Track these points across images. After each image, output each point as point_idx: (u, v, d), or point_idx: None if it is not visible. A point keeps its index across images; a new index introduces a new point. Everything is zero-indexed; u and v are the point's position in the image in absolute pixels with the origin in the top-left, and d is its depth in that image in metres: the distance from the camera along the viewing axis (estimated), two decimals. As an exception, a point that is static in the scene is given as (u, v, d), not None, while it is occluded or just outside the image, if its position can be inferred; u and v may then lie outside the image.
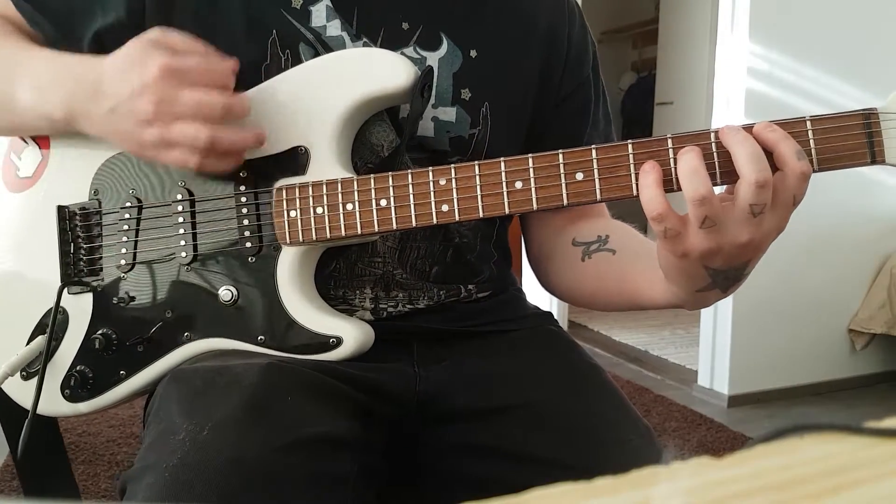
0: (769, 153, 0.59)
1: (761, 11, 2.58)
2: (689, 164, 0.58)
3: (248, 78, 0.72)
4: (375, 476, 0.68)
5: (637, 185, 0.61)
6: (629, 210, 0.77)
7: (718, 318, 2.74)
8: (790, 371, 2.79)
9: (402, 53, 0.75)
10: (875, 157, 0.60)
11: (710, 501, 0.27)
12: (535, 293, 0.93)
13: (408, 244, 0.77)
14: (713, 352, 2.76)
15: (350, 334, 0.70)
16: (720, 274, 0.63)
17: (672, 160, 0.61)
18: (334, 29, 0.74)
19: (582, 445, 0.69)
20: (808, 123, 0.60)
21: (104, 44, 0.74)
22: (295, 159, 0.70)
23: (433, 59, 0.76)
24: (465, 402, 0.74)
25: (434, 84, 0.74)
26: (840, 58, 2.66)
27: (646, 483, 0.28)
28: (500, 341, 0.81)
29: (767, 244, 0.62)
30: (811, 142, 0.60)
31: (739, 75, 2.61)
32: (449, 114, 0.76)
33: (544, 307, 0.90)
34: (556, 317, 0.90)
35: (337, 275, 0.75)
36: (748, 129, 0.60)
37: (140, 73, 0.63)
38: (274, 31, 0.73)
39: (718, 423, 2.45)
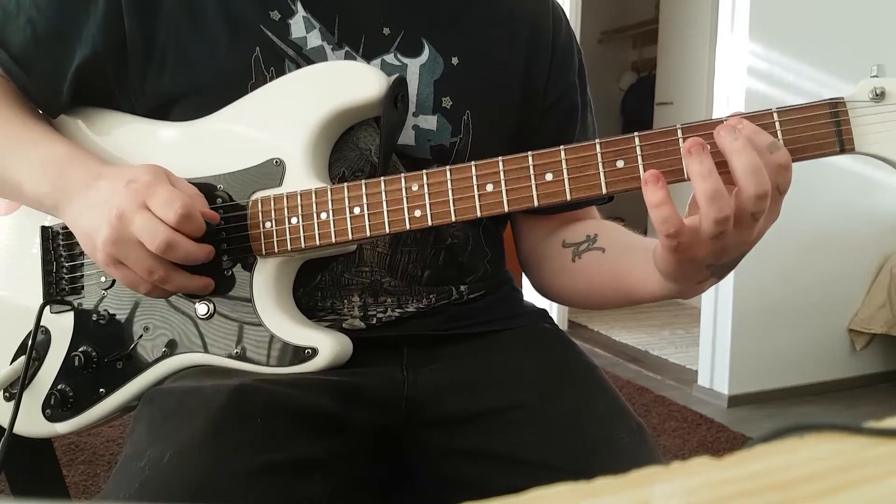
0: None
1: (761, 11, 2.58)
2: (712, 187, 0.56)
3: (235, 95, 0.72)
4: (360, 490, 0.67)
5: (644, 194, 0.58)
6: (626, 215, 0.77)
7: (718, 318, 2.74)
8: (790, 371, 2.79)
9: (383, 60, 0.75)
10: (844, 146, 0.60)
11: (710, 501, 0.27)
12: (534, 291, 0.92)
13: (398, 249, 0.76)
14: (713, 352, 2.76)
15: (326, 345, 0.70)
16: (720, 267, 0.64)
17: (640, 157, 0.62)
18: (315, 39, 0.74)
19: (572, 446, 0.69)
20: (776, 115, 0.61)
21: (86, 75, 0.74)
22: (270, 171, 0.71)
23: (414, 65, 0.76)
24: (455, 406, 0.73)
25: (408, 93, 0.73)
26: (840, 57, 2.67)
27: (646, 483, 0.28)
28: (492, 342, 0.80)
29: (763, 233, 0.62)
30: (779, 133, 0.60)
31: (739, 75, 2.61)
32: (430, 122, 0.76)
33: (543, 305, 0.90)
34: (555, 316, 0.89)
35: (323, 286, 0.75)
36: (712, 126, 0.60)
37: (128, 181, 0.65)
38: (257, 48, 0.73)
39: (718, 423, 2.45)
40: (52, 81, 0.75)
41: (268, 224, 0.69)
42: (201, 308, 0.71)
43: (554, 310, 3.02)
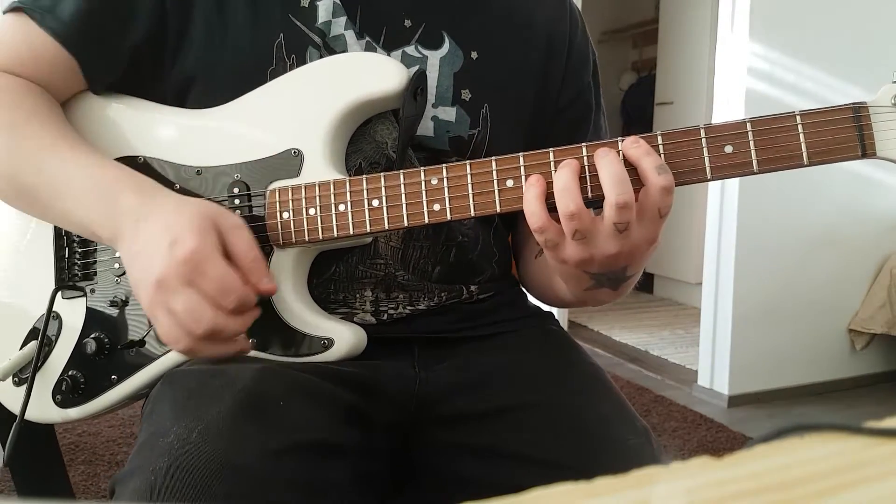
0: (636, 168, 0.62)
1: (761, 11, 2.58)
2: (561, 182, 0.62)
3: (254, 82, 0.73)
4: (373, 482, 0.67)
5: (523, 196, 0.63)
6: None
7: (718, 318, 2.74)
8: (790, 371, 2.79)
9: (404, 52, 0.76)
10: (865, 150, 0.61)
11: (710, 501, 0.27)
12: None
13: (410, 243, 0.77)
14: (713, 352, 2.76)
15: (341, 336, 0.70)
16: (602, 276, 0.68)
17: (663, 156, 0.62)
18: (338, 27, 0.75)
19: (580, 446, 0.69)
20: (798, 118, 0.61)
21: (141, 56, 0.75)
22: (288, 161, 0.71)
23: (434, 58, 0.77)
24: (464, 404, 0.74)
25: (427, 87, 0.74)
26: (840, 57, 2.66)
27: (646, 483, 0.28)
28: (500, 342, 0.81)
29: (641, 253, 0.65)
30: (801, 136, 0.61)
31: (739, 75, 2.61)
32: (449, 113, 0.77)
33: (545, 307, 0.90)
34: (556, 317, 0.90)
35: (337, 278, 0.75)
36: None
37: (171, 242, 0.61)
38: (281, 34, 0.73)
39: (718, 423, 2.45)
40: (104, 53, 0.75)
41: (285, 214, 0.69)
42: None
43: (554, 310, 2.98)
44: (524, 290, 0.91)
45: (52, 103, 0.75)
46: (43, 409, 0.76)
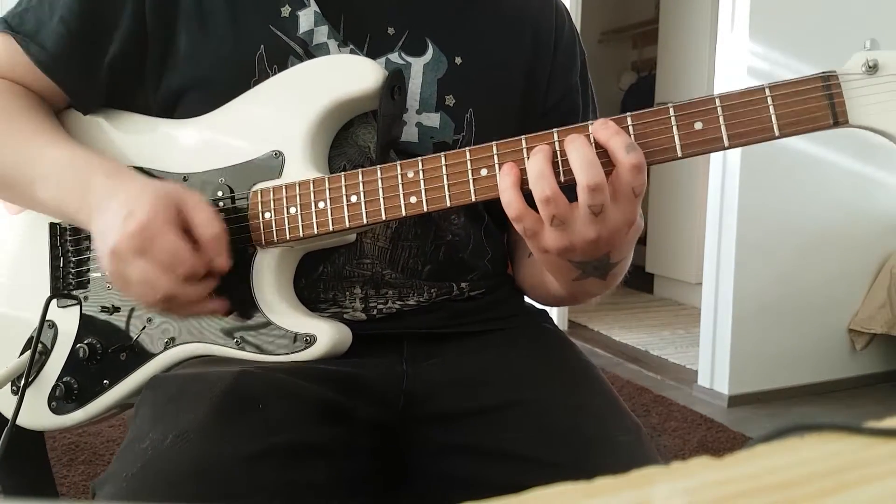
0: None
1: (761, 11, 2.58)
2: (535, 168, 0.61)
3: (238, 92, 0.74)
4: (358, 481, 0.67)
5: (499, 186, 0.63)
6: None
7: (718, 318, 2.74)
8: (790, 371, 2.79)
9: (388, 59, 0.76)
10: (837, 118, 0.60)
11: (710, 501, 0.27)
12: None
13: (399, 244, 0.77)
14: (713, 352, 2.76)
15: (324, 333, 0.71)
16: (586, 265, 0.67)
17: (632, 136, 0.62)
18: (321, 35, 0.75)
19: (570, 443, 0.69)
20: (768, 90, 0.61)
21: (116, 72, 0.76)
22: (270, 163, 0.72)
23: (418, 64, 0.77)
24: (453, 402, 0.74)
25: (406, 87, 0.75)
26: (841, 57, 2.66)
27: (646, 483, 0.28)
28: (491, 340, 0.80)
29: (621, 237, 0.64)
30: (771, 108, 0.60)
31: (739, 75, 2.61)
32: (433, 119, 0.77)
33: (539, 305, 0.91)
34: (555, 317, 0.90)
35: (326, 278, 0.75)
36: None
37: (125, 215, 0.63)
38: (262, 46, 0.74)
39: (718, 423, 2.45)
40: (87, 77, 0.77)
41: (267, 214, 0.70)
42: None
43: (554, 310, 2.97)
44: (520, 288, 0.90)
45: (33, 99, 0.77)
46: (38, 416, 0.77)
